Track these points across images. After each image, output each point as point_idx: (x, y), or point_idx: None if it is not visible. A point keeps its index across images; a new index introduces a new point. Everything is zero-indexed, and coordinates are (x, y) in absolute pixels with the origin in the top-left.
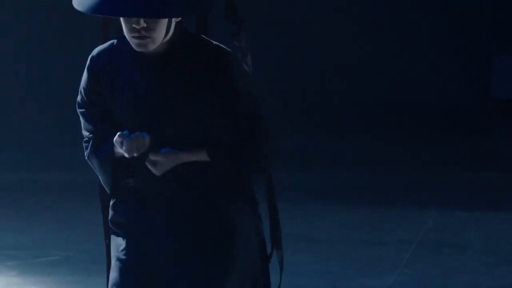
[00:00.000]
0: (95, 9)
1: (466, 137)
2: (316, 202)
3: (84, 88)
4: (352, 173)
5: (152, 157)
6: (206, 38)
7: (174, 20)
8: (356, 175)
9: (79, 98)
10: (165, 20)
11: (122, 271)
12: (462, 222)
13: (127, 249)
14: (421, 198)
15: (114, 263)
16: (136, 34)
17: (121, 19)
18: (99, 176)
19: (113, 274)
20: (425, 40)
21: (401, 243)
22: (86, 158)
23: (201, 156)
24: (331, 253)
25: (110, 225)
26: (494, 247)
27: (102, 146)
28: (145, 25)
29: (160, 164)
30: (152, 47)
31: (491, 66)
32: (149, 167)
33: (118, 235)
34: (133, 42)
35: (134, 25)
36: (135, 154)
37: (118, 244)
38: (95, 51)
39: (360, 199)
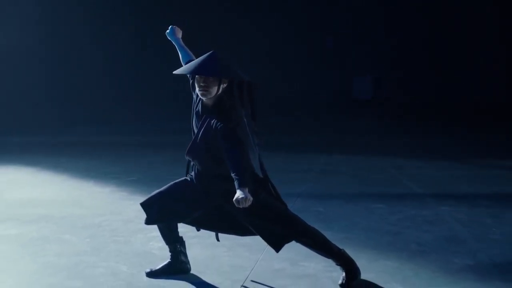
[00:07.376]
0: (183, 71)
1: (338, 119)
2: (263, 151)
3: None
4: (281, 137)
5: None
6: (227, 102)
7: (222, 86)
8: (283, 138)
9: None
10: (216, 82)
11: (175, 183)
12: (339, 160)
13: (184, 181)
14: (318, 148)
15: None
16: (201, 88)
17: (196, 78)
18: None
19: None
20: (316, 66)
21: (307, 171)
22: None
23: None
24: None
25: (186, 176)
26: (358, 174)
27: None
28: (206, 83)
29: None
30: (208, 96)
31: (351, 81)
32: (236, 204)
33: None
34: (199, 92)
35: (201, 83)
36: (240, 206)
37: (181, 180)
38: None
39: (287, 149)
